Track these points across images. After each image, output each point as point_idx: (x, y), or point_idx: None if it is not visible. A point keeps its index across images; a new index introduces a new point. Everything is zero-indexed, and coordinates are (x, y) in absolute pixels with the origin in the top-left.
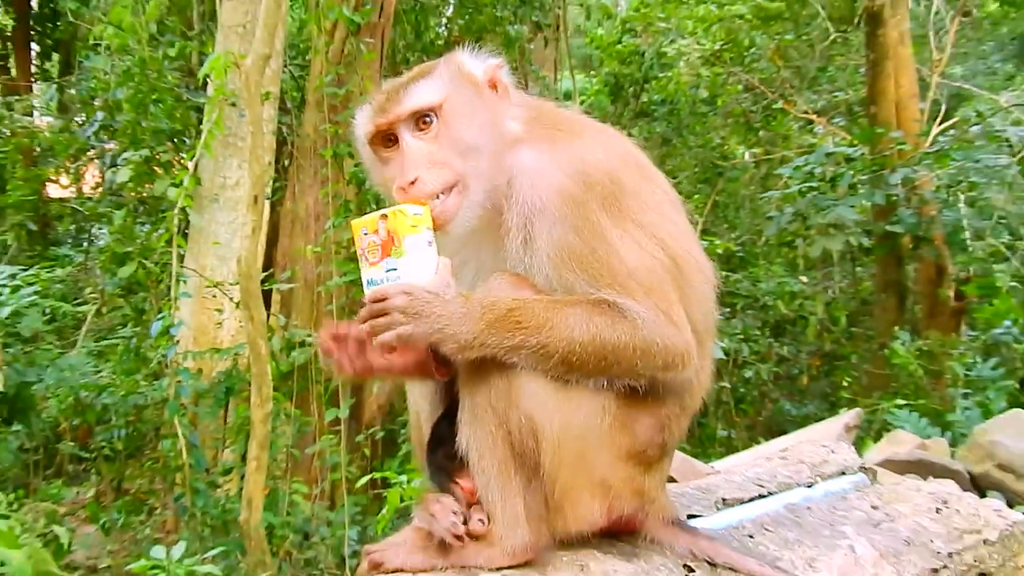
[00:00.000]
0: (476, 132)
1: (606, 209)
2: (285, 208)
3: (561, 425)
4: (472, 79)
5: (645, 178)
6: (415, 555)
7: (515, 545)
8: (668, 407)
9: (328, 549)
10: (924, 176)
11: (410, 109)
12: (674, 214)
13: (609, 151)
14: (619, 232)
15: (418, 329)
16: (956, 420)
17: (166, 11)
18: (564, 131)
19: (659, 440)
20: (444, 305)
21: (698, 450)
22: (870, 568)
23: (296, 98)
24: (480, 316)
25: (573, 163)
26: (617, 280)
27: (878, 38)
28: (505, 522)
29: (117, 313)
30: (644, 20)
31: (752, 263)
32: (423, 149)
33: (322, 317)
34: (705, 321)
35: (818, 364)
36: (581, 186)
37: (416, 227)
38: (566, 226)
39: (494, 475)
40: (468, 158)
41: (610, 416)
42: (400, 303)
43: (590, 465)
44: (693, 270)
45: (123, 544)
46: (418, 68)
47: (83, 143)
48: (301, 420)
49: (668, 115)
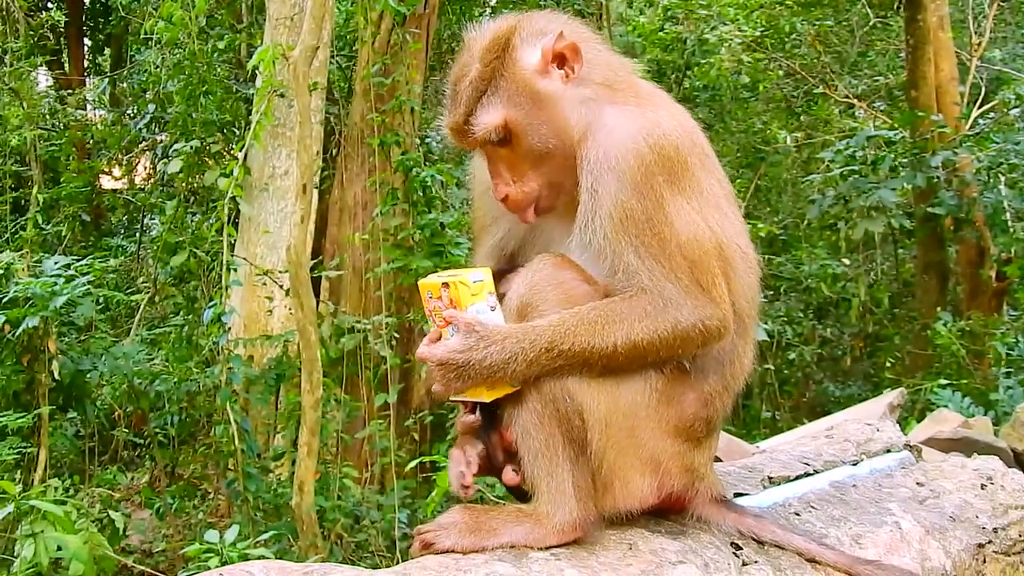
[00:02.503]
0: (550, 132)
1: (669, 182)
2: (333, 196)
3: (607, 402)
4: (530, 76)
5: (705, 167)
6: (465, 536)
7: (563, 523)
8: (711, 383)
9: (379, 532)
10: (964, 158)
11: (477, 141)
12: (725, 204)
13: (683, 128)
14: (676, 206)
15: (466, 383)
16: (999, 399)
17: (215, 5)
18: (643, 98)
19: (704, 415)
20: (485, 354)
21: (743, 431)
22: (916, 544)
23: (343, 88)
24: (522, 356)
25: (649, 129)
26: (665, 252)
27: (918, 23)
28: (553, 500)
29: (169, 302)
30: (686, 7)
31: (795, 246)
32: (504, 162)
33: (371, 304)
34: (749, 307)
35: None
36: (653, 153)
37: (477, 295)
38: (631, 189)
39: (541, 452)
40: (550, 159)
41: (656, 392)
42: (441, 362)
43: (639, 441)
44: (737, 257)
45: (177, 528)
46: (468, 80)
47: (135, 135)
48: (351, 405)
49: (710, 101)
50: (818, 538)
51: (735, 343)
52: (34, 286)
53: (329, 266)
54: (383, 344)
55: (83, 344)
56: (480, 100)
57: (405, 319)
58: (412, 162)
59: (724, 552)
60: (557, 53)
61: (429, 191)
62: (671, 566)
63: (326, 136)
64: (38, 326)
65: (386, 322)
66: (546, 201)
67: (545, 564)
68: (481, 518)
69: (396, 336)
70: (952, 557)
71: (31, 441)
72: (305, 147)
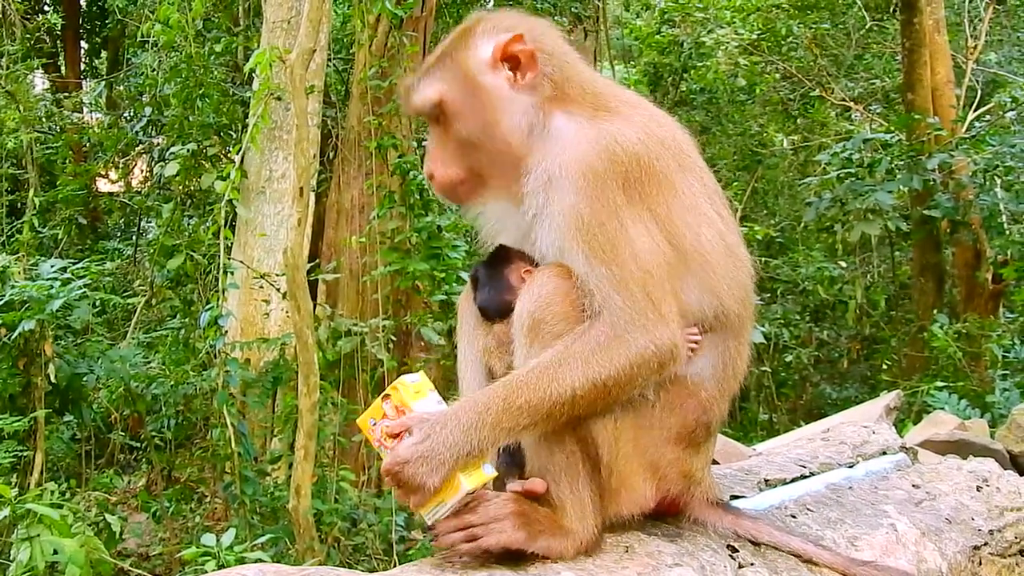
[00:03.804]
0: (480, 126)
1: (626, 190)
2: (330, 200)
3: (618, 416)
4: (476, 67)
5: (683, 167)
6: (519, 530)
7: (586, 537)
8: (709, 389)
9: (376, 535)
10: (960, 161)
11: (413, 109)
12: (706, 205)
13: (647, 134)
14: (633, 215)
15: (437, 474)
16: (995, 401)
17: (212, 8)
18: (603, 107)
19: (704, 421)
20: (445, 434)
21: (740, 434)
22: (912, 546)
23: (340, 91)
24: (479, 422)
25: (603, 139)
26: (616, 259)
27: (914, 26)
28: (579, 516)
29: (166, 305)
30: (682, 10)
31: (791, 248)
32: (438, 142)
33: (368, 307)
34: (740, 307)
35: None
36: (606, 162)
37: (420, 392)
38: (581, 196)
39: (564, 471)
40: (478, 151)
41: (659, 401)
42: (404, 459)
43: (643, 450)
44: (719, 255)
45: (174, 532)
46: (434, 55)
47: (131, 138)
48: (348, 408)
49: (707, 104)
50: (814, 540)
51: (732, 346)
52: (30, 289)
53: (326, 269)
54: (380, 347)
55: (79, 347)
56: (430, 74)
57: (402, 322)
58: (409, 165)
59: (720, 554)
60: (509, 54)
61: (426, 194)
62: (667, 569)
63: (323, 139)
64: (34, 329)
65: (383, 325)
66: (468, 189)
67: (543, 567)
68: (532, 514)
69: (393, 339)
70: (948, 559)
71: (27, 444)
72: (302, 150)
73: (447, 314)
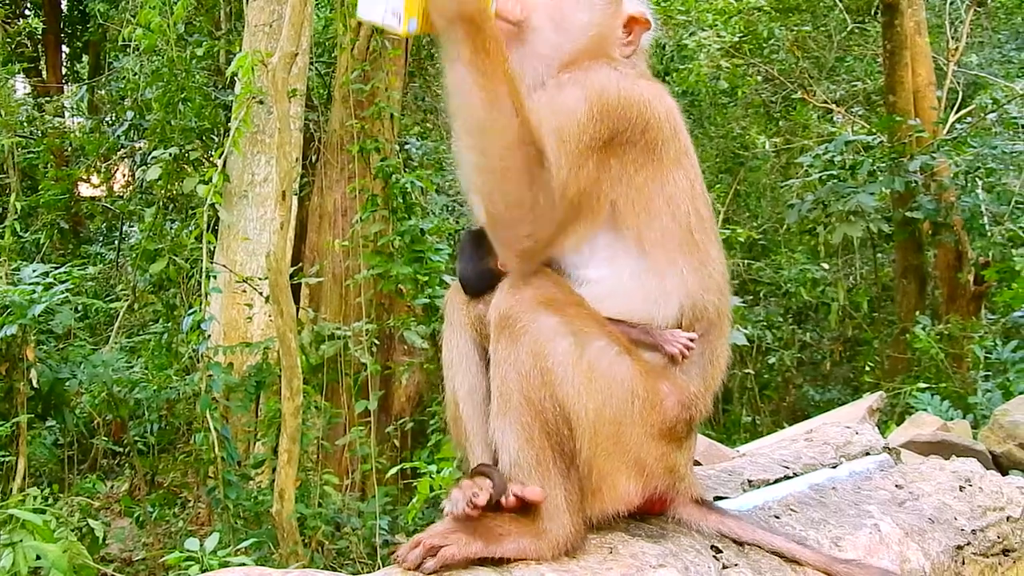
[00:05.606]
0: (550, 21)
1: (616, 137)
2: (313, 203)
3: (595, 410)
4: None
5: (680, 162)
6: (472, 543)
7: (559, 537)
8: (693, 385)
9: (359, 539)
10: (942, 163)
11: None
12: (687, 203)
13: (673, 113)
14: (608, 160)
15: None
16: (977, 402)
17: (194, 11)
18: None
19: (687, 416)
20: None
21: (723, 436)
22: (895, 546)
23: (322, 95)
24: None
25: (633, 91)
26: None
27: (895, 28)
28: (549, 515)
29: (149, 309)
30: (664, 13)
31: (774, 251)
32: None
33: (351, 310)
34: (720, 302)
35: (840, 349)
36: (621, 107)
37: None
38: (581, 104)
39: (533, 468)
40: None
41: (640, 396)
42: None
43: (625, 446)
44: (707, 242)
45: (157, 536)
46: None
47: (113, 142)
48: (331, 412)
49: (689, 106)
50: (798, 539)
51: (715, 344)
52: (12, 294)
53: (309, 273)
54: (363, 351)
55: (62, 352)
56: None
57: (385, 325)
58: (392, 168)
59: (704, 555)
60: (635, 18)
61: (409, 197)
62: (652, 569)
63: (305, 143)
64: (16, 334)
65: (366, 329)
66: (512, 34)
67: (526, 568)
68: (482, 523)
69: (376, 343)
70: (931, 559)
71: (9, 450)
72: (284, 154)
73: (430, 317)
